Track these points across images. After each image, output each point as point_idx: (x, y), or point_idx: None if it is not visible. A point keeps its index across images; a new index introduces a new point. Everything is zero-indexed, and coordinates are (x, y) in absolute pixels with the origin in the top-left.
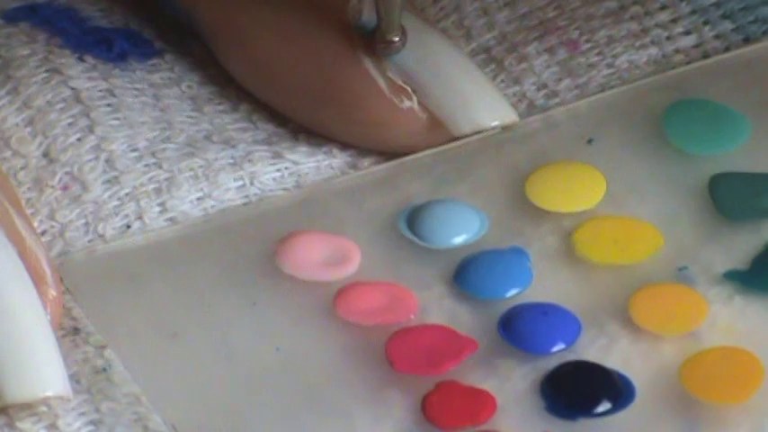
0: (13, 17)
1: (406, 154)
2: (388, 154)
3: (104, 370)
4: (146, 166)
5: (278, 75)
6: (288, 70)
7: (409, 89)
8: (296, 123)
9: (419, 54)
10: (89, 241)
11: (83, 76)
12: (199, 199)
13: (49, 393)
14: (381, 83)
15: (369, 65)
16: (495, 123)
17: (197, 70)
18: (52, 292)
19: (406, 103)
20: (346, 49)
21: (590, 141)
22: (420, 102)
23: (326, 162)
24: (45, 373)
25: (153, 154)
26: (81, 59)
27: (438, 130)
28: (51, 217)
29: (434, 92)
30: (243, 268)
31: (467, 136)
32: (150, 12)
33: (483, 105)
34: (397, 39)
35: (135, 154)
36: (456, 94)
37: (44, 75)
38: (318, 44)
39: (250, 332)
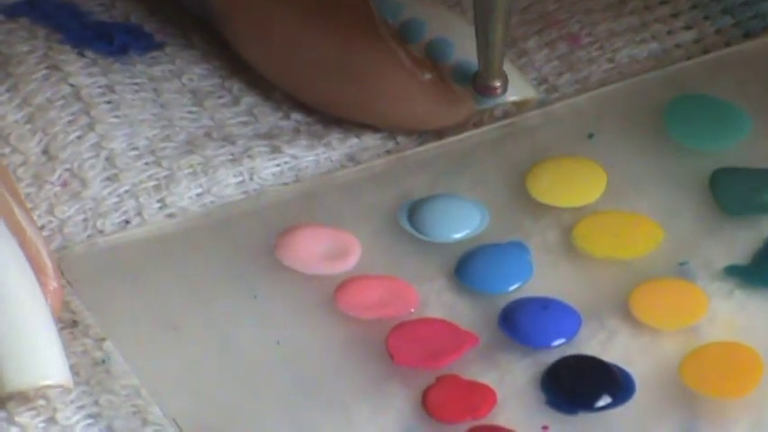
0: (12, 12)
1: (425, 130)
2: (405, 130)
3: (103, 362)
4: (145, 164)
5: (295, 52)
6: (305, 46)
7: (429, 62)
8: (310, 105)
9: (440, 32)
10: (88, 236)
11: (83, 72)
12: (198, 195)
13: (50, 382)
14: (402, 55)
15: (388, 37)
16: (515, 98)
17: (198, 63)
18: (53, 284)
19: (427, 76)
20: (365, 22)
21: (590, 136)
22: (441, 74)
23: (326, 155)
24: (46, 361)
25: (152, 152)
26: (81, 54)
27: (458, 103)
28: (50, 212)
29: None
30: (243, 261)
31: (487, 109)
32: (153, 3)
33: None
34: (498, 84)
35: (135, 152)
36: (475, 67)
37: (44, 72)
38: (336, 18)
39: (250, 325)
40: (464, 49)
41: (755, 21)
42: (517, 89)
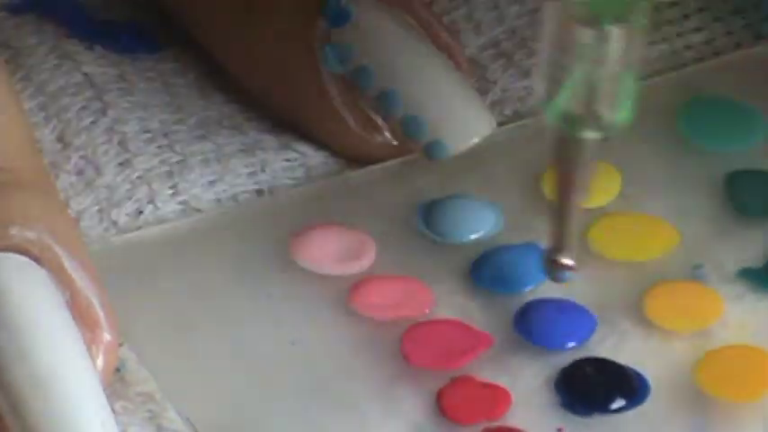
0: (18, 10)
1: None
2: None
3: (118, 370)
4: (158, 147)
5: (260, 102)
6: (266, 101)
7: (379, 121)
8: None
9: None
10: (104, 229)
11: (94, 62)
12: (210, 182)
13: None
14: (351, 122)
15: (338, 102)
16: (476, 140)
17: (202, 64)
18: (106, 337)
19: (378, 138)
20: (314, 87)
21: (605, 138)
22: (392, 129)
23: (335, 155)
24: None
25: (165, 135)
26: (90, 48)
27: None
28: (67, 205)
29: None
30: (258, 261)
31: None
32: (153, 6)
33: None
34: (571, 263)
35: (147, 135)
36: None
37: (55, 61)
38: (290, 81)
39: (264, 326)
40: (411, 103)
41: (766, 22)
42: (479, 128)
